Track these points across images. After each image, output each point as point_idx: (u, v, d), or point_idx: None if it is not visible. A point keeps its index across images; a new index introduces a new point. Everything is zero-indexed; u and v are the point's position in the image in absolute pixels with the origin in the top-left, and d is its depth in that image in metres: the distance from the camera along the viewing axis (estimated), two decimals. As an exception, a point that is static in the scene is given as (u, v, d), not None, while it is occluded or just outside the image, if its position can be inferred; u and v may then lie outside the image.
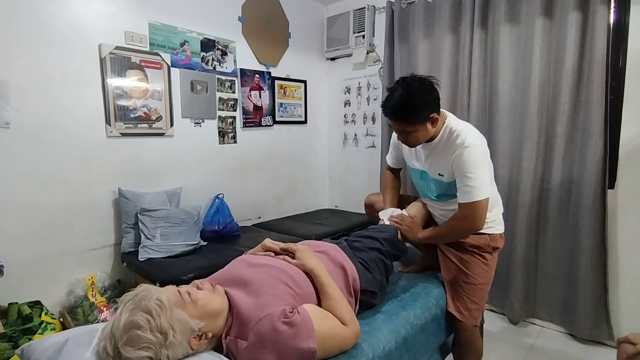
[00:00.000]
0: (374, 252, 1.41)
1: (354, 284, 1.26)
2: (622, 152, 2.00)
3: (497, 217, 1.53)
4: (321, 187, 3.58)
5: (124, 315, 0.85)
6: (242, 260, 1.21)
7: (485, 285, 1.52)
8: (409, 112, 1.31)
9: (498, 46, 2.24)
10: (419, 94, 1.30)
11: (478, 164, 1.34)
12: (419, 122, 1.33)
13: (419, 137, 1.37)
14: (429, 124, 1.35)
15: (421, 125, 1.34)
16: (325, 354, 0.99)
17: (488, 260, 1.50)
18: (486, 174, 1.37)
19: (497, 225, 1.53)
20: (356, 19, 3.05)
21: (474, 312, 1.50)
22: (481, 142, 1.39)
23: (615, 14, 1.95)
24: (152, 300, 0.87)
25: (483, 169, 1.35)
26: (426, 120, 1.33)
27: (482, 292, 1.52)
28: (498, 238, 1.52)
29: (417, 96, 1.30)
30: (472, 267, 1.50)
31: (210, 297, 0.97)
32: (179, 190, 2.40)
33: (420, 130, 1.35)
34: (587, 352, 2.03)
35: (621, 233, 2.03)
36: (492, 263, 1.53)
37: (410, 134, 1.37)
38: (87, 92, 2.05)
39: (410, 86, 1.31)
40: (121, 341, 0.82)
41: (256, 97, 2.90)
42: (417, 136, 1.37)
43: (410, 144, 1.44)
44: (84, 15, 2.01)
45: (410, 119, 1.32)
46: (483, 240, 1.49)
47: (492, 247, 1.49)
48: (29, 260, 1.91)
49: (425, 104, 1.31)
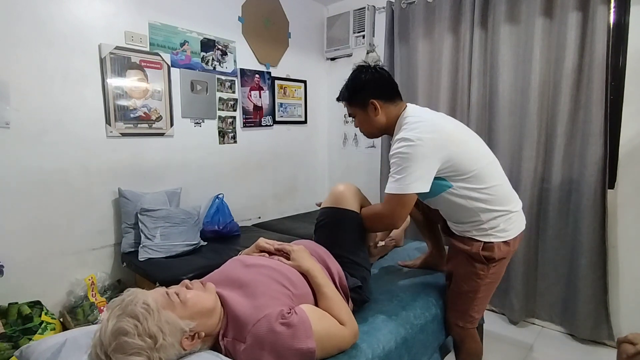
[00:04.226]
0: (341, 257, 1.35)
1: (340, 281, 1.24)
2: (622, 152, 1.99)
3: (498, 223, 1.32)
4: (321, 187, 3.58)
5: (111, 322, 0.83)
6: (238, 261, 1.19)
7: (472, 294, 1.40)
8: (346, 92, 1.39)
9: (498, 46, 2.24)
10: (358, 79, 1.36)
11: (409, 157, 1.20)
12: (355, 105, 1.38)
13: (361, 122, 1.41)
14: (369, 110, 1.35)
15: (359, 110, 1.38)
16: (324, 354, 0.99)
17: (478, 269, 1.35)
18: (420, 170, 1.20)
19: (498, 233, 1.32)
20: (356, 19, 3.05)
21: (458, 314, 1.46)
22: (429, 137, 1.22)
23: (615, 14, 1.95)
24: (138, 304, 0.85)
25: (416, 164, 1.20)
26: (364, 106, 1.35)
27: (468, 300, 1.41)
28: (495, 247, 1.31)
29: (356, 80, 1.36)
30: (460, 272, 1.42)
31: (200, 296, 0.97)
32: (179, 190, 2.40)
33: (360, 115, 1.39)
34: (587, 352, 2.03)
35: (621, 233, 2.03)
36: (486, 274, 1.36)
37: (354, 117, 1.42)
38: (87, 92, 2.05)
39: (356, 71, 1.38)
40: (110, 348, 0.81)
41: (256, 97, 2.90)
42: (359, 121, 1.41)
43: (362, 132, 1.46)
44: (84, 15, 2.02)
45: (347, 99, 1.39)
46: (475, 249, 1.34)
47: (484, 257, 1.32)
48: (29, 260, 1.91)
49: (360, 88, 1.35)
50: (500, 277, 1.41)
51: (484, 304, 1.45)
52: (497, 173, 1.36)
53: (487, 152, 1.39)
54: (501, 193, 1.33)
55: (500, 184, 1.34)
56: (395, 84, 1.40)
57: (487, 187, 1.29)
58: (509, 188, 1.39)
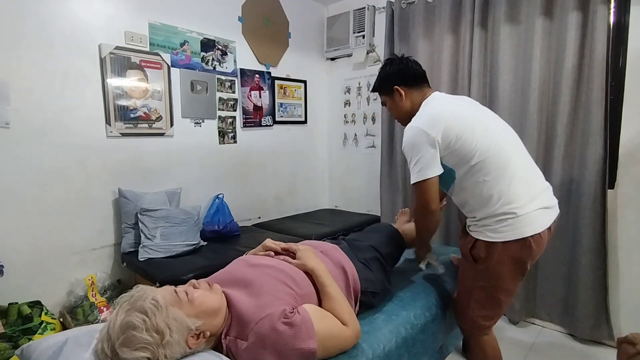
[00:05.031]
0: (374, 252, 1.41)
1: (354, 285, 1.27)
2: (622, 152, 1.99)
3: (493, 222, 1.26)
4: (321, 187, 3.58)
5: (120, 316, 0.84)
6: (243, 261, 1.21)
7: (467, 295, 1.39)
8: (376, 83, 1.53)
9: (498, 46, 2.24)
10: (384, 70, 1.49)
11: (412, 148, 1.30)
12: (383, 93, 1.51)
13: (390, 108, 1.52)
14: (395, 97, 1.46)
15: (387, 97, 1.50)
16: (326, 354, 0.99)
17: (468, 268, 1.36)
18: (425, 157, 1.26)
19: (489, 233, 1.27)
20: (356, 19, 3.05)
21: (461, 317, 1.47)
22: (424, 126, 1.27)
23: (615, 14, 1.95)
24: (147, 300, 0.87)
25: (420, 152, 1.27)
26: (390, 92, 1.46)
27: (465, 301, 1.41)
28: (483, 247, 1.28)
29: (382, 72, 1.50)
30: (460, 271, 1.45)
31: (207, 295, 0.97)
32: (179, 190, 2.40)
33: (389, 102, 1.50)
34: (587, 352, 2.03)
35: (621, 233, 2.03)
36: (473, 274, 1.34)
37: (385, 105, 1.55)
38: (87, 92, 2.05)
39: (383, 64, 1.52)
40: (118, 342, 0.82)
41: (256, 97, 2.90)
42: (389, 107, 1.52)
43: (394, 118, 1.58)
44: (84, 15, 2.01)
45: (377, 89, 1.54)
46: (466, 242, 1.34)
47: (471, 254, 1.32)
48: (29, 260, 1.91)
49: (386, 77, 1.47)
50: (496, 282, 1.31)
51: (486, 309, 1.37)
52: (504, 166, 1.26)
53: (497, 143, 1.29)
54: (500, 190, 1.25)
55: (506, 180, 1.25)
56: (420, 72, 1.48)
57: (489, 180, 1.25)
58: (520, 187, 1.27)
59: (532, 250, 1.25)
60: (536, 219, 1.26)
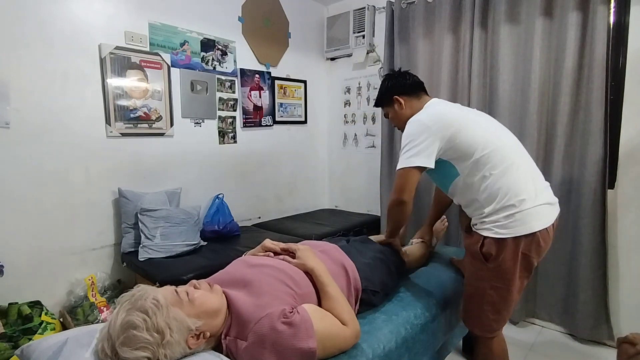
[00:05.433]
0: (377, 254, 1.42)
1: (355, 283, 1.27)
2: (622, 152, 1.99)
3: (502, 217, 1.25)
4: (321, 187, 3.58)
5: (121, 316, 0.85)
6: (242, 261, 1.21)
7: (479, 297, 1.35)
8: (377, 98, 1.61)
9: (498, 46, 2.24)
10: (383, 85, 1.57)
11: (411, 135, 1.32)
12: (385, 105, 1.58)
13: (393, 118, 1.57)
14: (396, 106, 1.52)
15: (389, 108, 1.56)
16: (325, 354, 0.99)
17: (478, 268, 1.32)
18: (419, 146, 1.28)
19: (499, 229, 1.25)
20: (356, 19, 3.05)
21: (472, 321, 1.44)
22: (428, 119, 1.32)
23: (615, 14, 1.95)
24: (148, 299, 0.87)
25: (417, 140, 1.29)
26: (391, 103, 1.53)
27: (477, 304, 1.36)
28: (493, 244, 1.26)
29: (382, 86, 1.58)
30: (467, 272, 1.42)
31: (207, 296, 0.97)
32: (179, 190, 2.40)
33: (391, 112, 1.56)
34: (587, 352, 2.03)
35: (621, 233, 2.03)
36: (484, 274, 1.31)
37: (387, 117, 1.61)
38: (87, 92, 2.05)
39: (382, 80, 1.60)
40: (118, 341, 0.82)
41: (256, 97, 2.90)
42: (391, 117, 1.58)
43: (397, 128, 1.60)
44: (84, 15, 2.01)
45: (379, 104, 1.61)
46: (473, 241, 1.31)
47: (481, 253, 1.29)
48: (29, 260, 1.91)
49: (386, 90, 1.55)
50: (509, 281, 1.29)
51: (500, 311, 1.34)
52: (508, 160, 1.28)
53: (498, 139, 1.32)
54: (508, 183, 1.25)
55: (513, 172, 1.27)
56: (417, 81, 1.55)
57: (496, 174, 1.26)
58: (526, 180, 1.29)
59: (540, 247, 1.27)
60: (543, 214, 1.28)
